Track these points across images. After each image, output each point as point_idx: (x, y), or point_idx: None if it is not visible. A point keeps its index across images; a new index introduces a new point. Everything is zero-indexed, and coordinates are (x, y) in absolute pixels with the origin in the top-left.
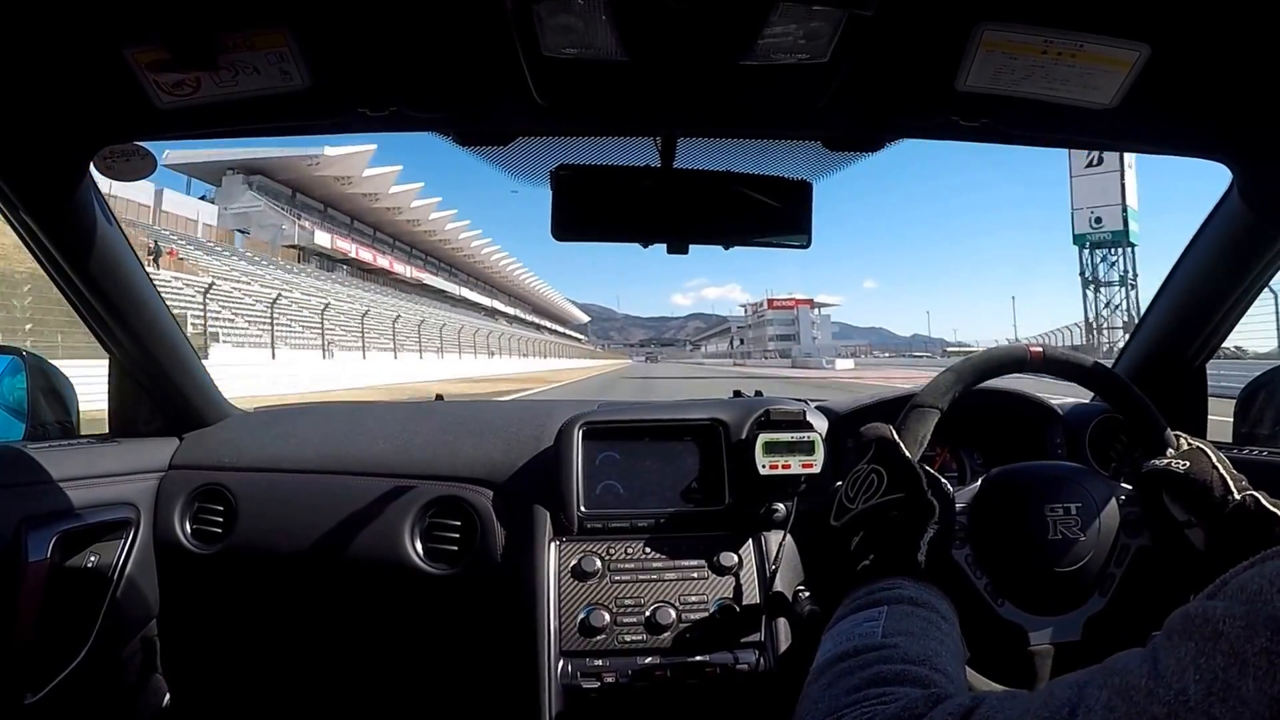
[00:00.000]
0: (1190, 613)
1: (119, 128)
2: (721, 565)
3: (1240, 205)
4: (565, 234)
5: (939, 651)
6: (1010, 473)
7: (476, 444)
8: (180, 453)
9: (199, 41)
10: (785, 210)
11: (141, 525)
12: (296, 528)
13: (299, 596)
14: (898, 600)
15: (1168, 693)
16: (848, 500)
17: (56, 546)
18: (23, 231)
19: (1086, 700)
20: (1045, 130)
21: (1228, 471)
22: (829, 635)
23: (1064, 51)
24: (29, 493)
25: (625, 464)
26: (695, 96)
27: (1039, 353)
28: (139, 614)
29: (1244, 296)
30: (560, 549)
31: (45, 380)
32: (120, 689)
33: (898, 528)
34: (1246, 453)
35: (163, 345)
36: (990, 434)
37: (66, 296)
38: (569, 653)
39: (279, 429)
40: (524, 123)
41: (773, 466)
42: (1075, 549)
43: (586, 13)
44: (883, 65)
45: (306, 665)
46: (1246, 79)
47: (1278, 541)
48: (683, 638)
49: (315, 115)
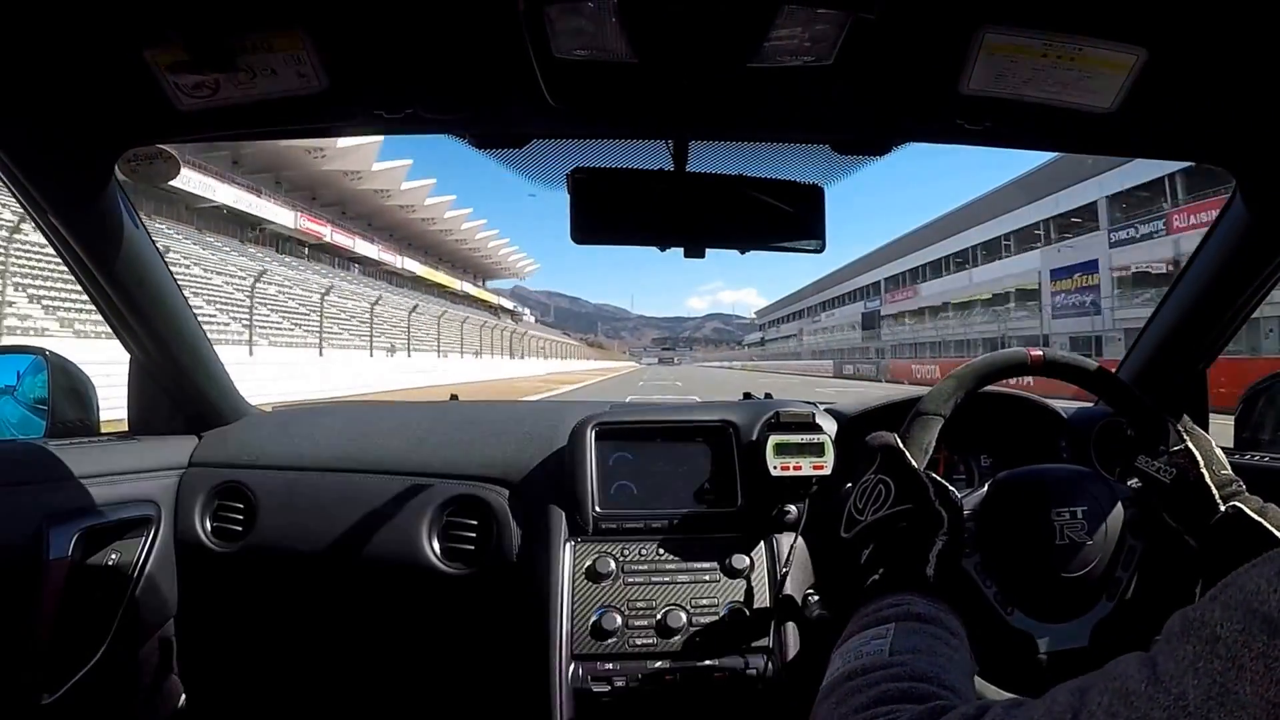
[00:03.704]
0: (1189, 616)
1: (142, 130)
2: (733, 568)
3: (1244, 210)
4: (584, 237)
5: (947, 668)
6: (1016, 477)
7: (492, 443)
8: (200, 450)
9: (217, 43)
10: (798, 214)
11: (162, 522)
12: (315, 526)
13: (316, 595)
14: (905, 617)
15: (1167, 698)
16: (856, 512)
17: (78, 544)
18: (50, 234)
19: (1088, 705)
20: (1048, 134)
21: (1214, 479)
22: (838, 653)
23: (1063, 54)
24: (51, 489)
25: (639, 465)
26: (705, 99)
27: (1039, 356)
28: (157, 614)
29: (1248, 302)
30: (575, 549)
31: (66, 379)
32: (136, 690)
33: (906, 540)
34: (1248, 458)
35: (183, 345)
36: (997, 438)
37: (90, 296)
38: (580, 656)
39: (297, 428)
40: (538, 125)
41: (784, 468)
42: (1083, 553)
43: (596, 15)
44: (887, 68)
45: (321, 664)
46: (1247, 84)
47: (1261, 553)
48: (693, 641)
49: (333, 117)
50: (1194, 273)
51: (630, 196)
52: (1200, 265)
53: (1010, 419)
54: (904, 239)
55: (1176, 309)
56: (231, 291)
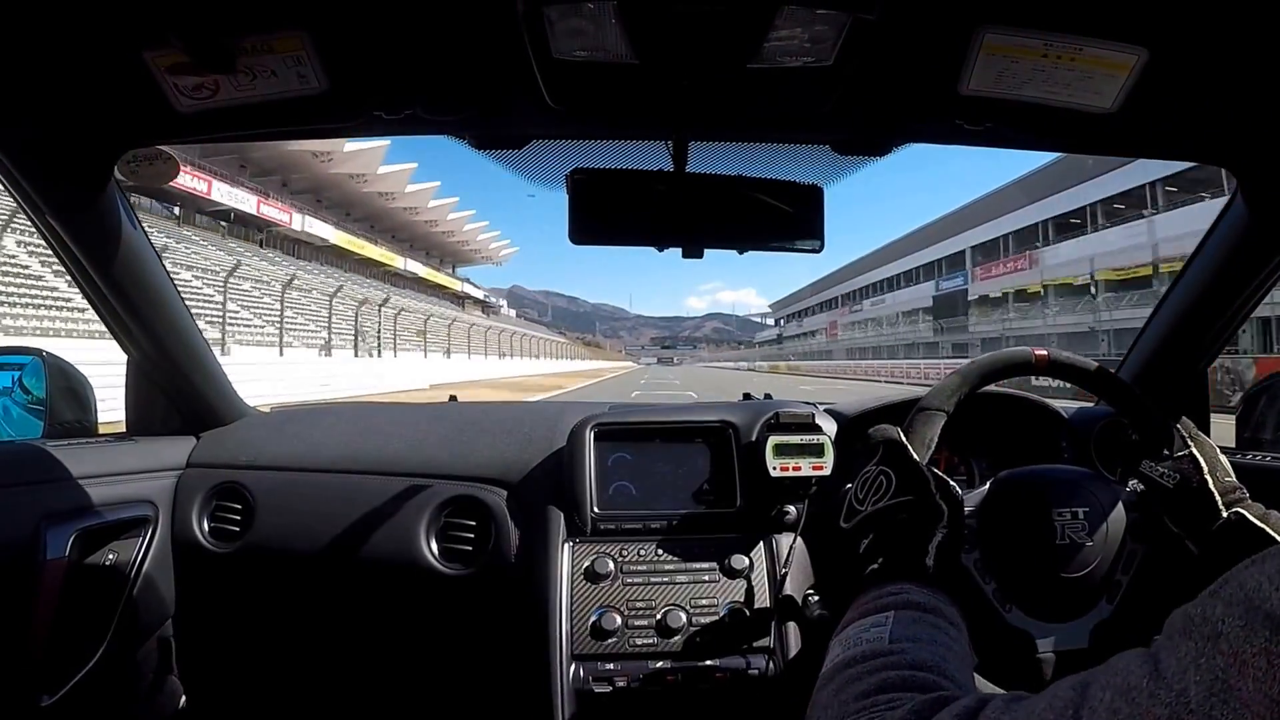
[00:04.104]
0: (1190, 613)
1: (141, 131)
2: (733, 568)
3: (1244, 210)
4: (582, 237)
5: (946, 657)
6: (1017, 477)
7: (491, 444)
8: (198, 451)
9: (217, 44)
10: (797, 214)
11: (160, 523)
12: (313, 526)
13: (314, 595)
14: (905, 606)
15: (1169, 694)
16: (857, 502)
17: (75, 544)
18: (48, 234)
19: (1090, 700)
20: (1048, 134)
21: (1218, 485)
22: (837, 641)
23: (1064, 55)
24: (48, 490)
25: (637, 465)
26: (705, 100)
27: (1044, 356)
28: (155, 614)
29: (1248, 301)
30: (574, 550)
31: (64, 380)
32: (136, 690)
33: (906, 531)
34: (1249, 457)
35: (181, 345)
36: (998, 438)
37: (88, 296)
38: (580, 656)
39: (295, 428)
40: (537, 126)
41: (783, 468)
42: (1082, 554)
43: (596, 16)
44: (887, 68)
45: (320, 664)
46: (1248, 83)
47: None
48: (693, 641)
49: (333, 118)
50: (1194, 272)
51: (629, 197)
52: (1200, 264)
53: (1011, 419)
54: (1003, 191)
55: (1177, 308)
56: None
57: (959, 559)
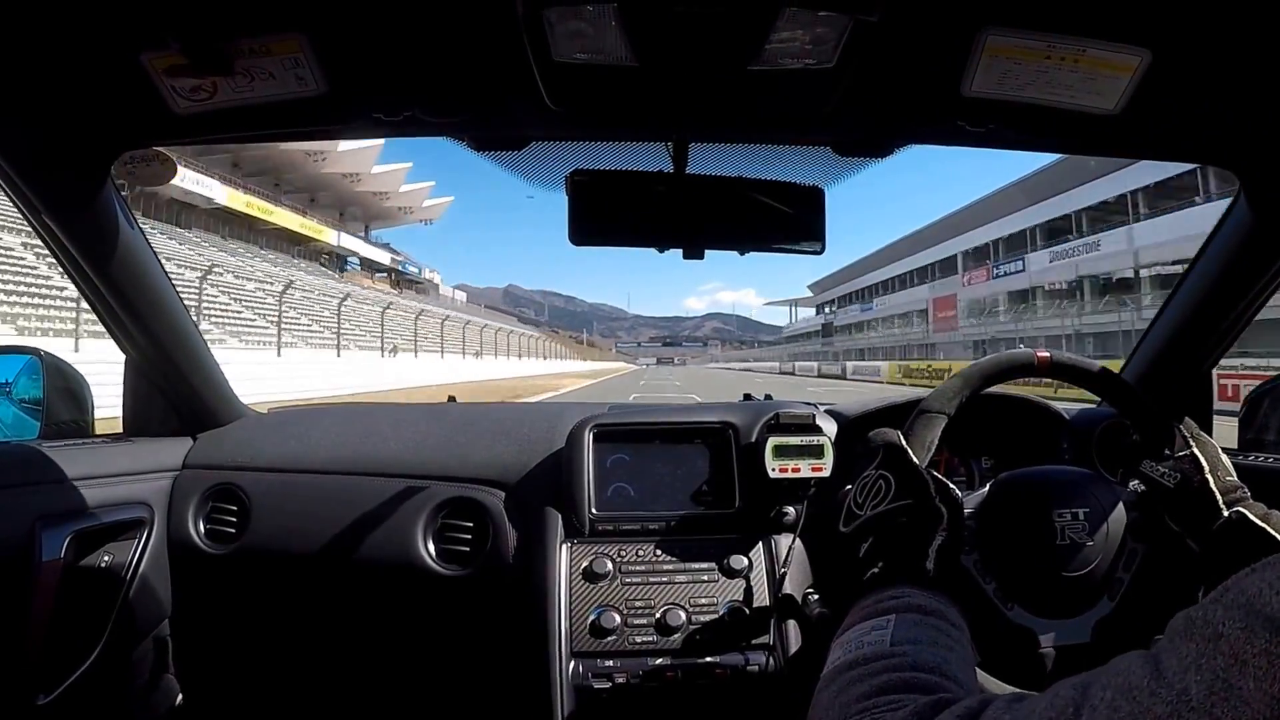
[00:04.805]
0: (1192, 615)
1: (138, 133)
2: (731, 568)
3: (1248, 212)
4: (582, 239)
5: (948, 659)
6: (1018, 478)
7: (489, 446)
8: (194, 452)
9: (215, 47)
10: (798, 216)
11: (155, 524)
12: (309, 528)
13: (311, 596)
14: (906, 609)
15: (1170, 692)
16: (856, 507)
17: (70, 546)
18: (45, 235)
19: (1091, 700)
20: (1051, 136)
21: (1219, 484)
22: (838, 644)
23: (1067, 56)
24: (44, 491)
25: (636, 466)
26: (706, 101)
27: (1046, 358)
28: (152, 614)
29: (1252, 303)
30: (572, 551)
31: (61, 380)
32: (132, 690)
33: (906, 534)
34: (1251, 459)
35: (179, 346)
36: (998, 439)
37: (85, 296)
38: (580, 653)
39: (292, 430)
40: (537, 127)
41: (782, 470)
42: (1083, 554)
43: (596, 18)
44: (888, 70)
45: (318, 665)
46: (1251, 85)
47: (1262, 558)
48: (693, 639)
49: (331, 120)
50: (1197, 274)
51: (629, 198)
52: (1204, 266)
53: (1012, 420)
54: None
55: (1180, 310)
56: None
57: (959, 561)
